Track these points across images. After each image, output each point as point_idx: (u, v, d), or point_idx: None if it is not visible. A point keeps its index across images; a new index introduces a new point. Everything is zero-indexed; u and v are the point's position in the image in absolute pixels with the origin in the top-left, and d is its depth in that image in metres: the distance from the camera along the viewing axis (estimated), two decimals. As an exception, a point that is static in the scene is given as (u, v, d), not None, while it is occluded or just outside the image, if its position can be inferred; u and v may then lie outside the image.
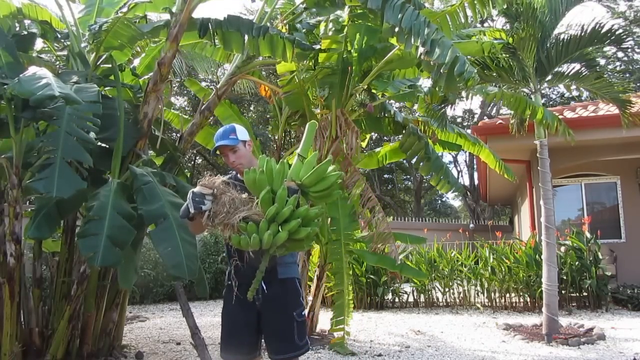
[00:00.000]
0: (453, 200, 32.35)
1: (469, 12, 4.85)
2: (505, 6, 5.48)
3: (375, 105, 6.07)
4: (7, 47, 4.15)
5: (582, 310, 7.50)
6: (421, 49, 3.98)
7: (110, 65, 4.91)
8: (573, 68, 5.99)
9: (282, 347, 2.38)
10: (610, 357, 4.71)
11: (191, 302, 6.00)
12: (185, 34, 4.82)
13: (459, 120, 23.83)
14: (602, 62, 17.50)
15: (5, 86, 3.57)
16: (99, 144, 4.30)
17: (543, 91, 15.43)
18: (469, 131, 7.98)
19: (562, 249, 7.64)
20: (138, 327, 6.84)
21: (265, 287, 2.31)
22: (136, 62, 6.08)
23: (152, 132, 4.88)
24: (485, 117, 20.59)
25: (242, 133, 2.51)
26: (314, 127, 2.37)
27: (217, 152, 2.51)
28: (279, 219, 2.04)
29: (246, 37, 4.72)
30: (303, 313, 2.46)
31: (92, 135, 3.98)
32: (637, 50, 18.22)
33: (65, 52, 5.19)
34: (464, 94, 6.09)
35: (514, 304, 7.93)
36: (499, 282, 7.88)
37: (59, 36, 5.16)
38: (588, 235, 7.59)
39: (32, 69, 3.76)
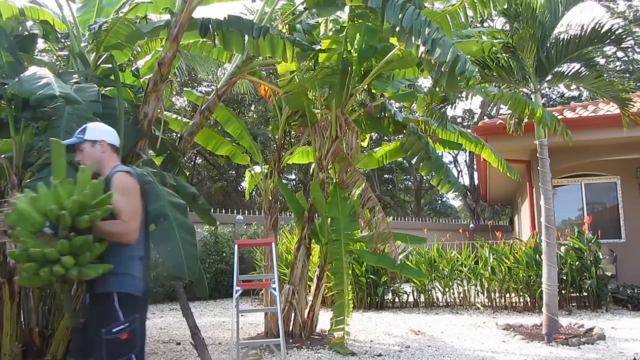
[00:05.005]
0: (453, 200, 32.35)
1: (470, 12, 4.87)
2: (505, 6, 5.49)
3: (375, 105, 6.08)
4: (8, 47, 4.15)
5: (582, 310, 7.50)
6: (422, 48, 3.99)
7: (110, 65, 4.91)
8: (573, 68, 5.99)
9: None
10: (610, 357, 4.71)
11: (191, 302, 5.99)
12: (186, 34, 4.83)
13: (459, 120, 23.84)
14: (602, 61, 17.53)
15: (5, 86, 3.57)
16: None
17: (543, 91, 15.44)
18: (469, 131, 7.98)
19: (562, 249, 7.64)
20: (138, 327, 6.83)
21: (87, 300, 2.25)
22: (140, 63, 6.09)
23: (152, 132, 4.88)
24: (485, 117, 20.60)
25: (94, 132, 2.37)
26: (59, 146, 2.20)
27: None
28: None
29: (246, 37, 4.73)
30: (115, 330, 2.13)
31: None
32: (637, 50, 18.22)
33: (65, 52, 5.18)
34: (464, 93, 6.09)
35: (514, 304, 7.93)
36: (499, 282, 7.88)
37: (60, 36, 5.16)
38: (588, 235, 7.59)
39: (32, 69, 3.75)
